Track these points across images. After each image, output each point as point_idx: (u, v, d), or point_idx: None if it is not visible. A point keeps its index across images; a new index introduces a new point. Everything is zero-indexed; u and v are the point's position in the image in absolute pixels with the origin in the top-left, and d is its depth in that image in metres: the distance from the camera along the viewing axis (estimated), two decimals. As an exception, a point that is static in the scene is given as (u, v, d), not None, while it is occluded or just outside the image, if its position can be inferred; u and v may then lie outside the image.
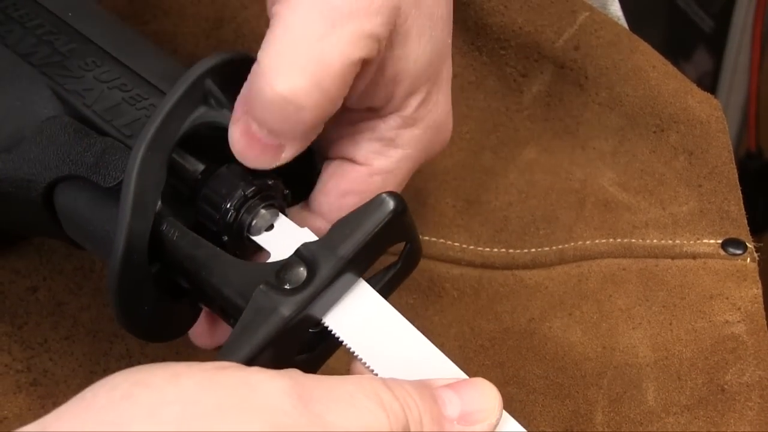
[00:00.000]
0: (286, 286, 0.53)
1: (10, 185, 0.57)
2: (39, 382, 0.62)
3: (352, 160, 0.59)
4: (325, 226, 0.58)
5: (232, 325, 0.54)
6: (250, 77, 0.54)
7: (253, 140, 0.55)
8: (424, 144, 0.60)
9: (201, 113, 0.56)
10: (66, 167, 0.56)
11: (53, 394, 0.62)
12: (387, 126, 0.59)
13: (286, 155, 0.55)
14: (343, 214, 0.55)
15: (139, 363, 0.63)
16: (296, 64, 0.53)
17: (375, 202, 0.54)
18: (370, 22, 0.54)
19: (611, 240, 0.69)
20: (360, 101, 0.58)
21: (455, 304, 0.67)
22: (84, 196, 0.56)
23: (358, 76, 0.55)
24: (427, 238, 0.69)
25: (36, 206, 0.58)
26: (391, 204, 0.54)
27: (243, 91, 0.55)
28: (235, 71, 0.57)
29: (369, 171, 0.59)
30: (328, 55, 0.53)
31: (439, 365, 0.54)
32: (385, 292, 0.56)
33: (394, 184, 0.59)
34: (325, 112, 0.54)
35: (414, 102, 0.58)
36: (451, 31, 0.59)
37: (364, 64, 0.55)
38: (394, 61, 0.56)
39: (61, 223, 0.58)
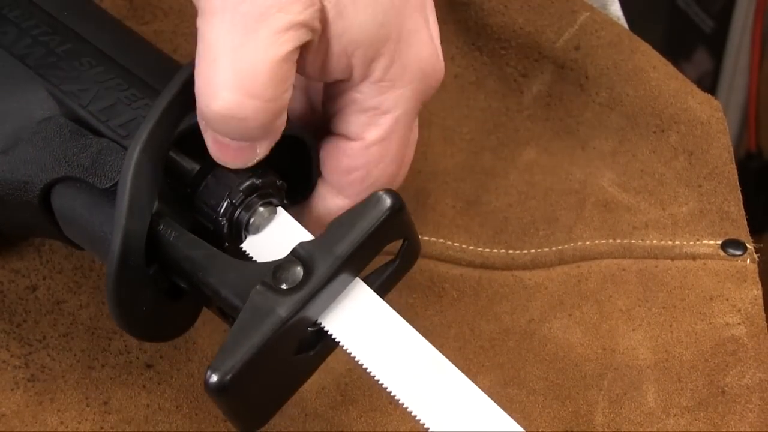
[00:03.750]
0: (282, 286, 0.52)
1: (8, 187, 0.57)
2: (37, 377, 0.62)
3: (345, 137, 0.58)
4: (344, 203, 0.58)
5: (231, 325, 0.54)
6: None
7: (224, 146, 0.54)
8: (412, 99, 0.57)
9: None
10: (62, 168, 0.56)
11: (51, 390, 0.62)
12: (364, 96, 0.57)
13: (261, 151, 0.55)
14: (354, 190, 0.55)
15: (138, 359, 0.63)
16: (222, 81, 0.52)
17: (371, 200, 0.54)
18: (288, 14, 0.53)
19: (611, 241, 0.69)
20: (323, 76, 0.57)
21: (455, 304, 0.66)
22: (81, 197, 0.56)
23: (305, 59, 0.54)
24: (426, 237, 0.68)
25: (34, 208, 0.57)
26: (387, 202, 0.54)
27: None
28: None
29: (363, 144, 0.57)
30: (249, 62, 0.52)
31: (436, 365, 0.54)
32: (384, 289, 0.56)
33: (395, 148, 0.58)
34: (271, 112, 0.53)
35: (380, 66, 0.56)
36: None
37: (304, 50, 0.54)
38: (336, 38, 0.55)
39: (59, 225, 0.58)
